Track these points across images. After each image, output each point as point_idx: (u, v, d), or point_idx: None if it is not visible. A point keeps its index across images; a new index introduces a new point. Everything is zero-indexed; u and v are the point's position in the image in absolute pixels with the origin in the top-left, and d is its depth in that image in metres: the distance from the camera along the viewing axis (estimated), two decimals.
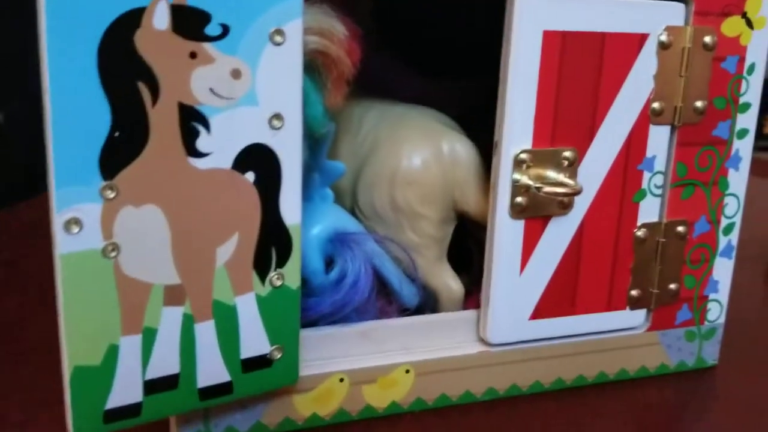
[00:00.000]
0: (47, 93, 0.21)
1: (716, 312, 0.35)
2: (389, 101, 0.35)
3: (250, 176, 0.25)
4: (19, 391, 0.32)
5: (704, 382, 0.35)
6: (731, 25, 0.31)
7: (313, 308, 0.30)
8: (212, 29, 0.23)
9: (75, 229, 0.22)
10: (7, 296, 0.43)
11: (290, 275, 0.26)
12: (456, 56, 0.36)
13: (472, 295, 0.34)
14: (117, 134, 0.22)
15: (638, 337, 0.34)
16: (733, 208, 0.34)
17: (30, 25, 0.22)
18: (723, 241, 0.34)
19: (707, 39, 0.31)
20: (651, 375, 0.35)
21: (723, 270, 0.34)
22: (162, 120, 0.23)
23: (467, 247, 0.36)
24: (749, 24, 0.31)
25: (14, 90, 0.73)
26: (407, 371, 0.30)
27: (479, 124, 0.34)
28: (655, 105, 0.31)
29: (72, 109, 0.21)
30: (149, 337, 0.24)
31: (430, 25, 0.37)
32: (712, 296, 0.34)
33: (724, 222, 0.33)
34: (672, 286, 0.33)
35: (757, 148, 0.36)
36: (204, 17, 0.23)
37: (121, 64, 0.22)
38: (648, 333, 0.34)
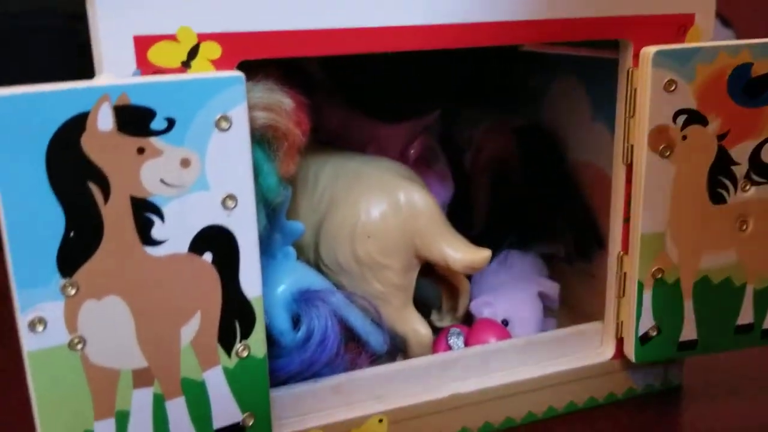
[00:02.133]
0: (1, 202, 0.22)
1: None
2: (344, 154, 0.35)
3: (207, 257, 0.25)
4: None
5: (671, 401, 0.36)
6: None
7: (283, 368, 0.30)
8: (157, 124, 0.24)
9: (39, 328, 0.23)
10: None
11: (255, 345, 0.27)
12: (401, 99, 0.37)
13: (438, 337, 0.35)
14: (72, 234, 0.23)
15: (605, 365, 0.35)
16: None
17: None
18: None
19: None
20: (619, 400, 0.36)
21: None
22: (115, 215, 0.24)
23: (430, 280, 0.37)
24: None
25: None
26: (380, 420, 0.31)
27: None
28: None
29: (25, 215, 0.22)
30: (122, 418, 0.25)
31: (375, 75, 0.38)
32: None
33: None
34: None
35: None
36: (148, 114, 0.23)
37: (70, 168, 0.22)
38: (615, 360, 0.35)
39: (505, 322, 0.36)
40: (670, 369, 0.36)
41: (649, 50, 0.30)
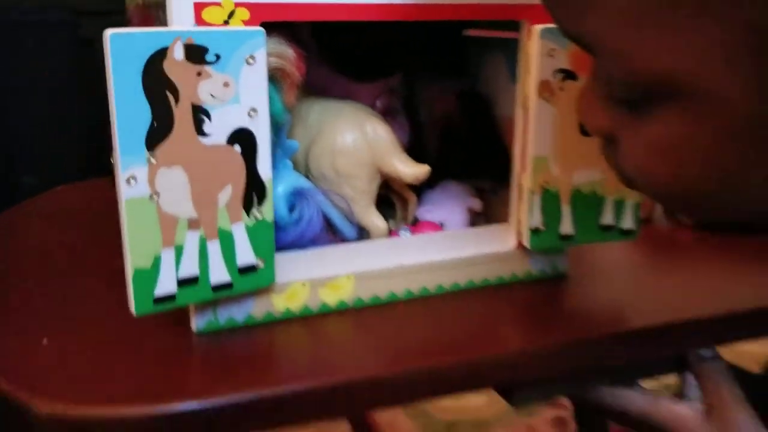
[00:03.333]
0: (113, 101, 0.36)
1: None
2: (328, 98, 0.49)
3: (237, 148, 0.39)
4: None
5: (559, 284, 0.50)
6: None
7: (282, 239, 0.44)
8: (210, 57, 0.37)
9: (132, 182, 0.37)
10: None
11: (266, 212, 0.41)
12: (372, 64, 0.51)
13: (392, 232, 0.49)
14: (155, 124, 0.37)
15: (509, 252, 0.49)
16: None
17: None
18: None
19: None
20: (521, 280, 0.50)
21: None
22: (181, 114, 0.37)
23: (391, 199, 0.51)
24: None
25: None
26: (349, 278, 0.45)
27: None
28: None
29: (129, 109, 0.36)
30: (179, 249, 0.39)
31: (352, 42, 0.52)
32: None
33: None
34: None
35: None
36: (204, 50, 0.37)
37: (155, 81, 0.36)
38: (517, 249, 0.49)
39: (441, 224, 0.50)
40: (558, 258, 0.50)
41: (537, 27, 0.44)
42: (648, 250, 0.59)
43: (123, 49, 0.35)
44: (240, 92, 0.38)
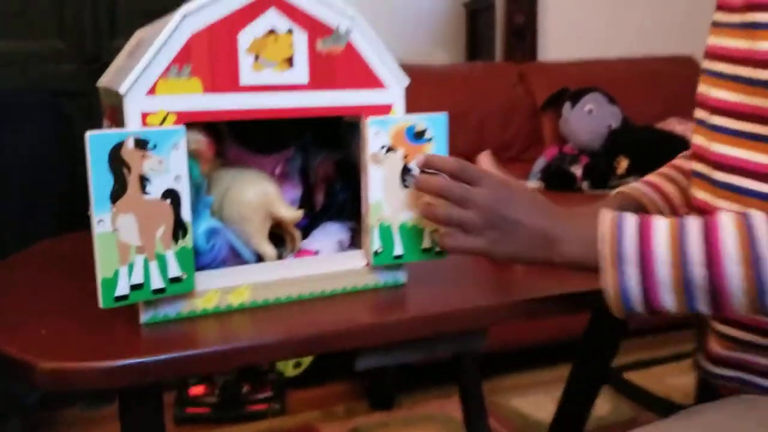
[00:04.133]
0: (90, 174, 0.59)
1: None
2: (238, 168, 0.74)
3: (168, 201, 0.63)
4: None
5: (400, 291, 0.74)
6: None
7: (202, 261, 0.68)
8: (150, 146, 0.62)
9: (101, 224, 0.60)
10: None
11: (188, 242, 0.64)
12: (270, 143, 0.76)
13: (282, 258, 0.73)
14: (116, 186, 0.60)
15: (361, 268, 0.73)
16: None
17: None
18: None
19: None
20: (371, 288, 0.73)
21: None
22: (132, 181, 0.61)
23: (281, 235, 0.75)
24: None
25: None
26: (247, 287, 0.69)
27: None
28: None
29: (99, 179, 0.60)
30: (130, 266, 0.62)
31: (255, 128, 0.76)
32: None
33: None
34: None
35: (610, 187, 0.74)
36: (146, 142, 0.61)
37: (116, 160, 0.60)
38: (367, 267, 0.73)
39: (317, 252, 0.74)
40: (399, 273, 0.74)
41: (367, 119, 0.70)
42: (464, 266, 0.83)
43: (97, 143, 0.59)
44: (169, 167, 0.63)
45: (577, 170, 2.44)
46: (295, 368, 2.00)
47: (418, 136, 0.71)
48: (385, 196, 0.71)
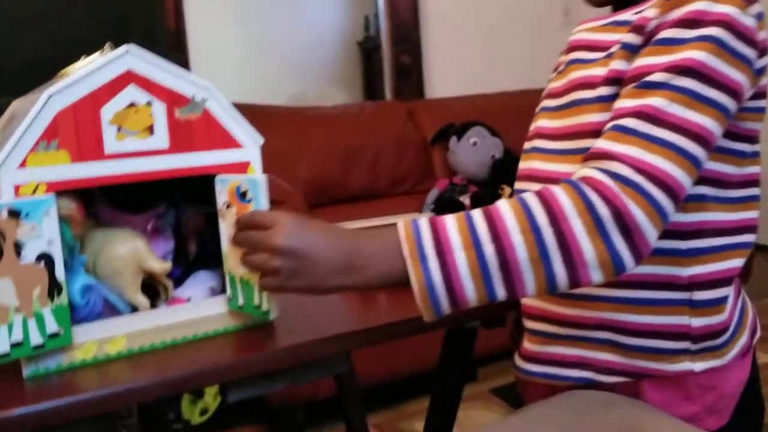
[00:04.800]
0: None
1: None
2: (110, 227, 0.82)
3: (42, 264, 0.71)
4: None
5: (269, 329, 0.83)
6: None
7: (78, 315, 0.75)
8: (23, 215, 0.69)
9: None
10: None
11: (63, 299, 0.72)
12: (139, 202, 0.84)
13: (156, 307, 0.81)
14: None
15: (225, 313, 0.82)
16: None
17: None
18: None
19: None
20: (241, 328, 0.82)
21: None
22: (8, 248, 0.68)
23: (154, 285, 0.83)
24: None
25: None
26: (123, 336, 0.76)
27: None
28: None
29: None
30: (10, 326, 0.69)
31: (125, 191, 0.85)
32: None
33: None
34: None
35: None
36: (19, 212, 0.69)
37: None
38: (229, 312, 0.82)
39: (189, 299, 0.83)
40: (266, 312, 0.84)
41: (218, 177, 0.79)
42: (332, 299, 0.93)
43: None
44: (42, 232, 0.70)
45: (466, 199, 2.61)
46: (201, 415, 2.04)
47: (243, 196, 0.80)
48: (229, 249, 0.81)
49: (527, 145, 0.90)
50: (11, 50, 2.06)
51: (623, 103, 0.72)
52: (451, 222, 0.70)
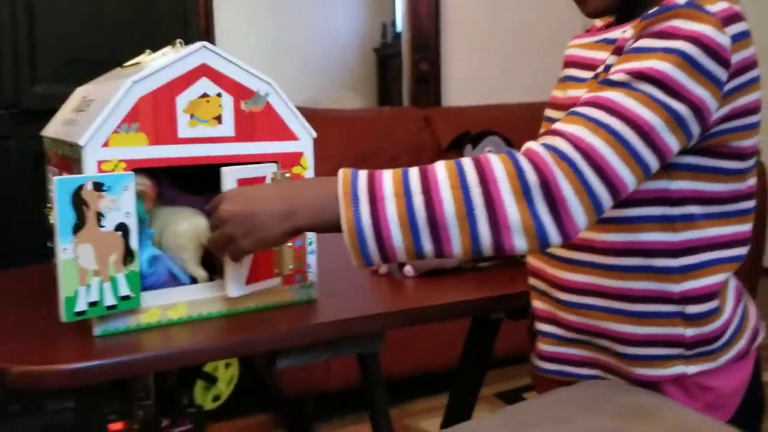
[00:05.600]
0: (56, 210, 0.75)
1: (312, 276, 0.92)
2: (174, 206, 0.90)
3: (119, 233, 0.79)
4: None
5: (312, 305, 0.91)
6: None
7: (145, 283, 0.83)
8: (105, 188, 0.78)
9: (64, 251, 0.76)
10: None
11: (135, 266, 0.80)
12: (199, 186, 0.93)
13: (213, 280, 0.89)
14: (77, 222, 0.76)
15: (283, 287, 0.90)
16: None
17: None
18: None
19: None
20: (294, 303, 0.91)
21: (312, 257, 0.92)
22: (90, 217, 0.77)
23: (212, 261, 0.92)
24: None
25: None
26: (184, 304, 0.85)
27: None
28: None
29: (63, 214, 0.75)
30: (88, 287, 0.77)
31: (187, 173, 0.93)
32: (309, 270, 0.92)
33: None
34: (290, 266, 0.90)
35: None
36: (102, 185, 0.78)
37: (77, 200, 0.76)
38: (285, 286, 0.90)
39: None
40: (310, 289, 0.92)
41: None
42: (366, 282, 1.02)
43: (62, 185, 0.75)
44: (120, 205, 0.79)
45: None
46: (214, 401, 2.12)
47: None
48: None
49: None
50: (49, 43, 2.17)
51: (584, 96, 0.75)
52: (387, 173, 0.73)
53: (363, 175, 0.73)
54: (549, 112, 0.94)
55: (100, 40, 2.21)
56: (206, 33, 2.75)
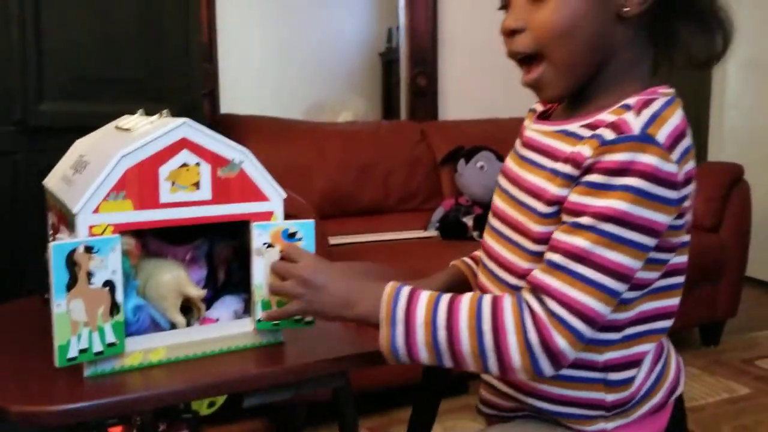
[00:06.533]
0: (51, 270, 0.87)
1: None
2: (157, 258, 1.03)
3: (106, 289, 0.92)
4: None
5: (280, 348, 1.04)
6: None
7: (129, 330, 0.96)
8: (95, 250, 0.90)
9: (58, 306, 0.88)
10: None
11: (120, 317, 0.93)
12: (181, 238, 1.05)
13: (191, 325, 1.02)
14: (69, 280, 0.89)
15: (250, 332, 1.02)
16: None
17: None
18: None
19: None
20: (258, 346, 1.03)
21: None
22: (81, 276, 0.90)
23: (189, 306, 1.04)
24: None
25: None
26: (163, 348, 0.97)
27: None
28: None
29: (58, 274, 0.88)
30: (79, 336, 0.90)
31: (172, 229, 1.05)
32: None
33: None
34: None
35: None
36: (92, 248, 0.90)
37: (70, 261, 0.88)
38: (254, 330, 1.03)
39: (217, 319, 1.04)
40: (277, 333, 1.04)
41: (253, 224, 1.00)
42: (329, 327, 1.14)
43: (58, 249, 0.88)
44: (108, 264, 0.91)
45: (470, 220, 2.81)
46: (209, 407, 2.26)
47: (291, 236, 1.01)
48: (264, 280, 1.01)
49: (493, 207, 1.06)
50: (56, 61, 2.28)
51: (558, 236, 0.86)
52: (423, 299, 0.89)
53: (404, 299, 0.90)
54: (502, 182, 1.03)
55: (106, 59, 2.34)
56: (208, 45, 2.87)
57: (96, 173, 0.92)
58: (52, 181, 1.11)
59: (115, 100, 2.28)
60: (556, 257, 0.86)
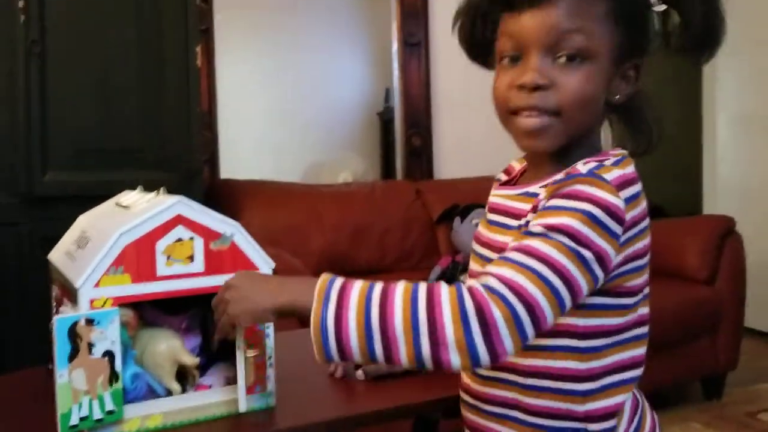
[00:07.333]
0: (55, 341, 0.95)
1: (271, 385, 1.11)
2: (153, 327, 1.10)
3: (106, 359, 0.99)
4: None
5: (271, 412, 1.10)
6: None
7: (128, 397, 1.03)
8: (95, 323, 0.98)
9: (61, 376, 0.95)
10: None
11: (119, 385, 1.00)
12: (177, 308, 1.13)
13: (185, 391, 1.09)
14: (72, 351, 0.96)
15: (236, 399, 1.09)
16: None
17: None
18: None
19: None
20: (254, 410, 1.09)
21: (271, 369, 1.10)
22: (83, 347, 0.97)
23: (184, 373, 1.11)
24: None
25: None
26: (160, 414, 1.04)
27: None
28: None
29: (61, 345, 0.95)
30: (80, 404, 0.97)
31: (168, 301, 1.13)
32: (268, 380, 1.10)
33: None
34: (251, 378, 1.09)
35: None
36: (92, 320, 0.97)
37: (72, 333, 0.96)
38: (246, 395, 1.09)
39: (210, 386, 1.10)
40: (269, 398, 1.11)
41: None
42: (324, 389, 1.20)
43: (61, 323, 0.95)
44: (108, 335, 0.99)
45: (467, 279, 2.86)
46: None
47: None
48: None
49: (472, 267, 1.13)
50: (61, 133, 2.37)
51: (511, 244, 0.93)
52: (359, 283, 0.89)
53: (339, 281, 0.91)
54: (477, 247, 1.12)
55: (109, 129, 2.44)
56: (208, 114, 2.99)
57: (97, 249, 1.00)
58: (55, 256, 1.19)
59: (117, 168, 2.38)
60: (505, 253, 0.90)
